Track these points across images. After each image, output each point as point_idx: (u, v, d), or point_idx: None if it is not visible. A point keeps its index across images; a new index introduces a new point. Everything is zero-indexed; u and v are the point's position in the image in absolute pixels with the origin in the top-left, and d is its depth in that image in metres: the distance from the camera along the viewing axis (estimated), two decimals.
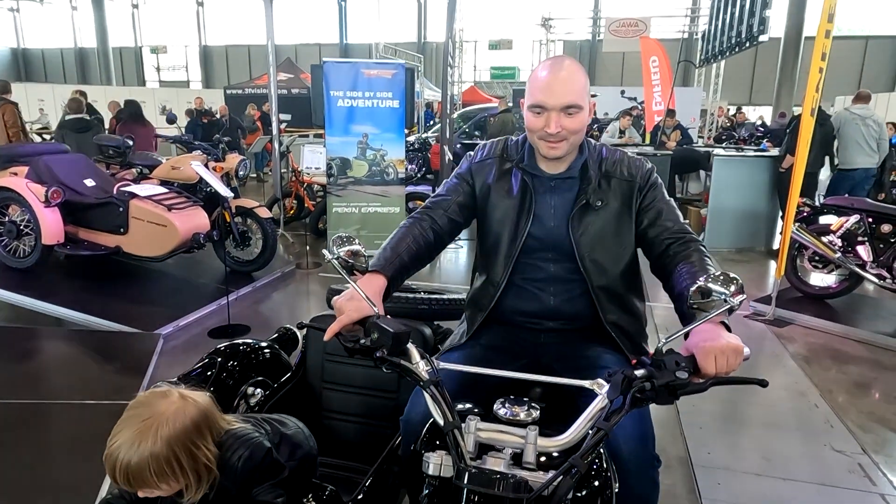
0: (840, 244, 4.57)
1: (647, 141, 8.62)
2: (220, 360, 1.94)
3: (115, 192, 4.49)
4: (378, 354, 1.16)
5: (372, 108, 6.03)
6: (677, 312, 1.39)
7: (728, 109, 18.14)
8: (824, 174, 7.11)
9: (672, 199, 1.63)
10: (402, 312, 2.04)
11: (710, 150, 7.43)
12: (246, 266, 5.05)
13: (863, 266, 4.47)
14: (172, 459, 1.10)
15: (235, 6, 35.12)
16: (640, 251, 1.63)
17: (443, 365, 1.20)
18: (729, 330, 1.20)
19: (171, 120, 5.23)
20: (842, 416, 3.19)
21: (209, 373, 1.88)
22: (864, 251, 4.49)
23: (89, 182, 4.67)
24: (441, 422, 1.07)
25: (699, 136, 13.99)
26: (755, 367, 3.86)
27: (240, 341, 2.11)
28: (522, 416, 1.17)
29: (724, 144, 9.60)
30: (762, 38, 7.22)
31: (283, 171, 7.05)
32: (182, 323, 4.11)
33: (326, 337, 1.25)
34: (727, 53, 8.65)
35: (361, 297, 1.28)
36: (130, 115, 7.21)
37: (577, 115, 1.45)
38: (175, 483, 1.13)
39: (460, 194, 1.64)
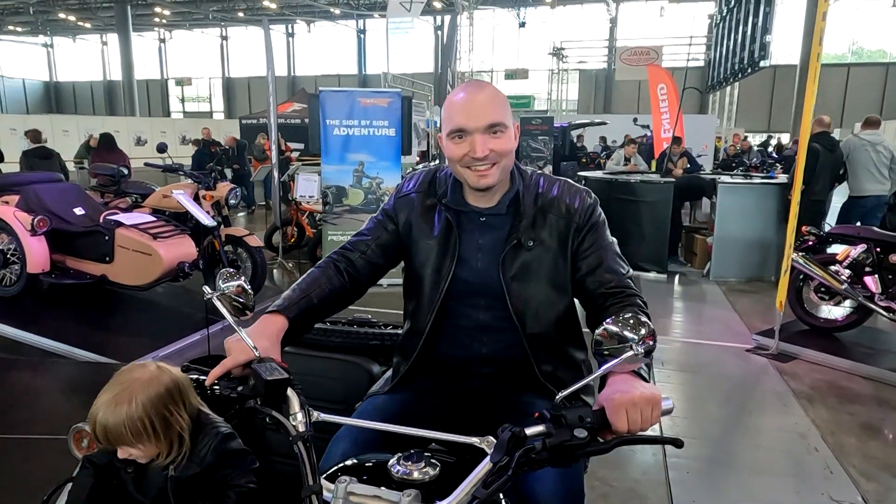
0: (847, 275, 4.34)
1: (654, 168, 8.46)
2: None
3: (101, 220, 4.48)
4: (250, 405, 1.04)
5: (368, 136, 6.00)
6: None
7: (746, 137, 17.94)
8: (837, 200, 6.90)
9: (614, 241, 1.47)
10: (350, 348, 1.92)
11: (717, 177, 7.24)
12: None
13: (871, 298, 4.24)
14: (146, 421, 1.20)
15: (257, 39, 36.07)
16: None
17: (323, 417, 1.07)
18: (646, 380, 1.07)
19: (162, 149, 5.25)
20: (843, 462, 2.96)
21: None
22: (872, 282, 4.26)
23: (78, 211, 4.68)
24: (304, 482, 0.95)
25: (714, 163, 13.82)
26: (752, 404, 3.64)
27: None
28: (416, 474, 1.03)
29: (733, 171, 9.38)
30: (763, 63, 7.08)
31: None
32: (161, 353, 4.02)
33: (207, 382, 1.14)
34: (731, 80, 8.51)
35: (261, 336, 1.19)
36: (104, 144, 8.30)
37: (503, 135, 1.33)
38: (150, 445, 1.23)
39: (382, 233, 1.51)
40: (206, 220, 4.35)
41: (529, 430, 0.94)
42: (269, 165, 6.35)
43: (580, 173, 8.73)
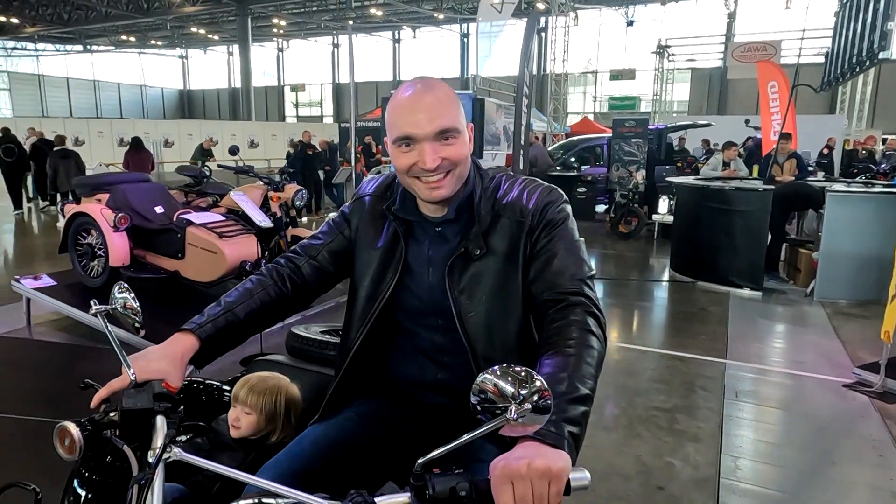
0: None
1: (756, 174, 7.67)
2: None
3: (175, 219, 4.74)
4: (106, 434, 0.96)
5: None
6: None
7: (886, 139, 15.93)
8: None
9: (580, 242, 1.25)
10: (316, 358, 1.83)
11: (827, 184, 6.41)
12: None
13: None
14: (274, 400, 1.48)
15: (367, 46, 37.50)
16: None
17: (180, 456, 0.95)
18: (559, 447, 0.85)
19: (233, 151, 5.48)
20: None
21: None
22: None
23: (158, 209, 4.98)
24: None
25: (841, 169, 12.37)
26: (842, 451, 3.12)
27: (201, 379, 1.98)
28: None
29: (854, 178, 8.30)
30: (882, 55, 6.12)
31: None
32: None
33: (92, 405, 1.07)
34: (847, 76, 7.52)
35: (156, 357, 1.11)
36: (133, 146, 10.69)
37: (455, 141, 1.16)
38: (259, 417, 1.47)
39: (335, 237, 1.38)
40: (261, 220, 4.47)
41: (380, 500, 0.77)
42: (346, 168, 6.48)
43: (668, 178, 8.13)
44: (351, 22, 32.38)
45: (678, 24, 29.17)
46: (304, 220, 9.91)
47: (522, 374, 0.80)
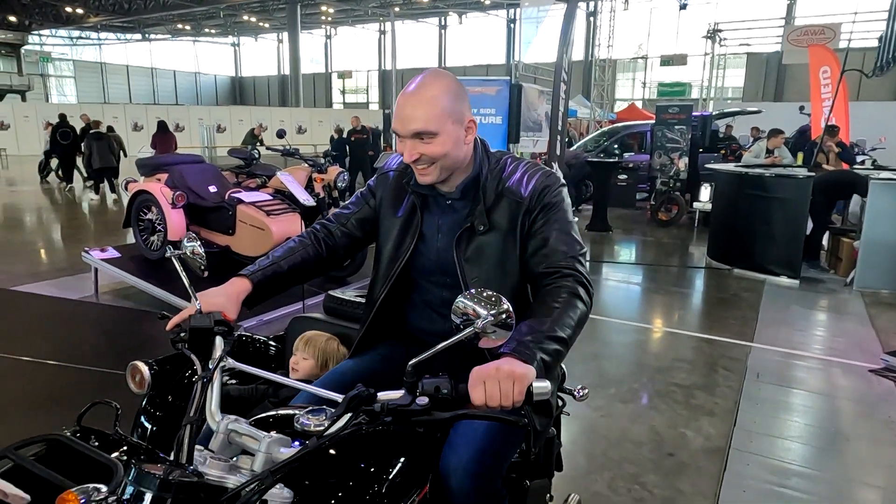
0: None
1: (801, 162, 7.53)
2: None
3: (227, 197, 5.09)
4: (179, 346, 1.21)
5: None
6: None
7: None
8: None
9: (573, 223, 1.43)
10: (347, 316, 2.06)
11: (872, 171, 6.27)
12: (339, 271, 5.37)
13: None
14: (325, 350, 1.85)
15: (412, 33, 37.67)
16: None
17: (233, 365, 1.20)
18: (528, 363, 1.05)
19: (281, 135, 5.80)
20: None
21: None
22: None
23: (212, 188, 5.34)
24: (186, 413, 1.08)
25: None
26: (857, 432, 3.18)
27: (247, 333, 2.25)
28: (312, 426, 1.12)
29: None
30: None
31: None
32: (266, 318, 4.51)
33: (168, 327, 1.33)
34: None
35: (217, 294, 1.35)
36: (160, 129, 12.30)
37: (432, 140, 1.33)
38: (314, 363, 1.83)
39: (363, 208, 1.60)
40: (305, 199, 4.75)
41: (381, 394, 0.99)
42: (386, 153, 6.76)
43: (707, 165, 8.05)
44: (396, 8, 32.61)
45: (734, 7, 28.17)
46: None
47: (493, 297, 1.01)
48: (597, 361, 4.04)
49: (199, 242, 1.43)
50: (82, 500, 0.91)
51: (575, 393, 1.71)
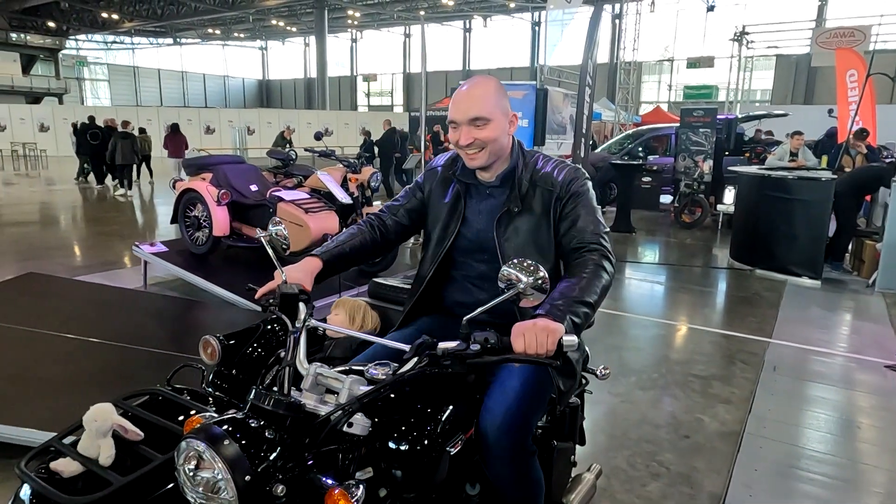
0: None
1: (824, 165, 7.59)
2: (264, 327, 2.37)
3: (268, 195, 5.40)
4: (271, 311, 1.47)
5: None
6: None
7: None
8: None
9: (598, 208, 1.67)
10: (389, 299, 2.31)
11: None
12: (370, 267, 5.64)
13: None
14: (352, 306, 2.18)
15: (437, 36, 38.03)
16: None
17: (316, 324, 1.46)
18: (559, 321, 1.28)
19: (318, 137, 6.10)
20: None
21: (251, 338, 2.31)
22: None
23: (253, 187, 5.66)
24: (285, 358, 1.33)
25: None
26: (868, 421, 3.34)
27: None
28: (380, 375, 1.37)
29: None
30: None
31: None
32: None
33: (257, 296, 1.60)
34: None
35: (297, 269, 1.62)
36: (173, 130, 13.90)
37: (485, 126, 1.60)
38: (343, 317, 2.13)
39: (411, 200, 1.86)
40: (343, 197, 5.03)
41: (441, 343, 1.23)
42: (415, 155, 6.99)
43: (730, 168, 8.14)
44: (423, 12, 32.99)
45: (763, 9, 27.94)
46: (377, 203, 10.60)
47: (532, 266, 1.26)
48: (618, 353, 4.24)
49: (282, 226, 1.69)
50: (209, 420, 1.17)
51: (597, 372, 1.94)
